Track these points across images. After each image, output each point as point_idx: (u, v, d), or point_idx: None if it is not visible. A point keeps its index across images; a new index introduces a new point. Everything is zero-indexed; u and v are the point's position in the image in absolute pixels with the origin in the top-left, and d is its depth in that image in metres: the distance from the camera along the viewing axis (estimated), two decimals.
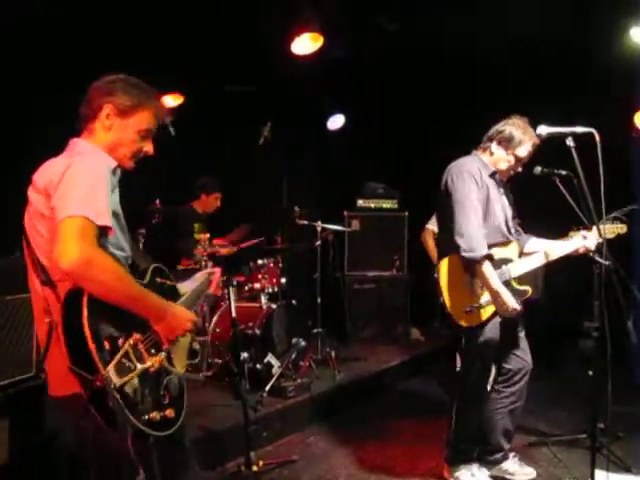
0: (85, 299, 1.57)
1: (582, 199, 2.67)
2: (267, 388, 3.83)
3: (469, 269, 2.81)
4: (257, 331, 4.06)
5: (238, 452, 3.19)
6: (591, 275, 2.73)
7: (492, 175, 2.99)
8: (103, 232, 1.67)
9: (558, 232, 3.12)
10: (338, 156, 6.23)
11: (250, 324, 4.13)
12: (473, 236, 2.75)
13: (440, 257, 2.96)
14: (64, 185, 1.65)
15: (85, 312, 1.55)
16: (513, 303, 2.73)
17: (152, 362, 1.67)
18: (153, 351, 1.71)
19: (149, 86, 1.93)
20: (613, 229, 2.96)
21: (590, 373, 5.19)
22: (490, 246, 2.84)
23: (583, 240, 2.89)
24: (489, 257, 2.75)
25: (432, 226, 4.88)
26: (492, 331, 2.85)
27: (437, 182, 3.20)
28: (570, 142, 2.67)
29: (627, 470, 3.13)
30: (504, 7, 4.33)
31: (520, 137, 2.90)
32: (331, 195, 6.29)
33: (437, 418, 4.14)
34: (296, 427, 3.87)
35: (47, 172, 1.72)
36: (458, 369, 3.58)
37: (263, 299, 4.39)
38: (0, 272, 2.71)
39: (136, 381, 1.62)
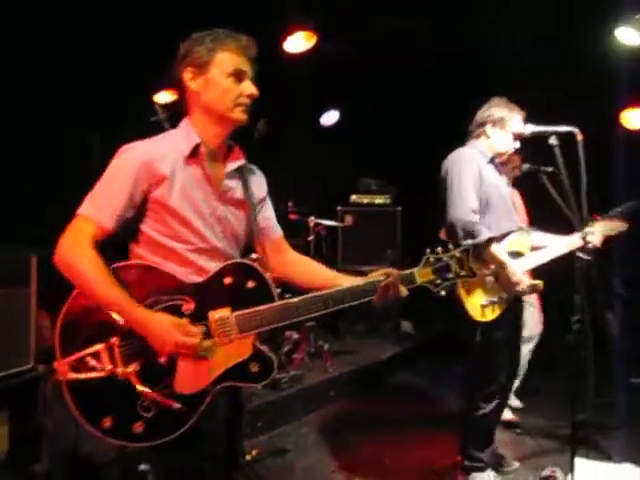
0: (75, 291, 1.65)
1: (567, 196, 2.73)
2: None
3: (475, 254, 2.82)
4: None
5: None
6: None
7: (491, 161, 2.98)
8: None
9: (545, 229, 3.19)
10: (332, 152, 6.30)
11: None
12: (470, 221, 2.74)
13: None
14: None
15: (68, 302, 1.64)
16: (523, 279, 2.75)
17: (119, 370, 1.61)
18: (130, 360, 1.62)
19: (222, 30, 1.75)
20: (614, 226, 2.97)
21: (572, 366, 5.30)
22: (501, 237, 2.86)
23: (590, 236, 2.83)
24: (493, 239, 2.75)
25: None
26: (504, 328, 2.85)
27: (430, 177, 3.21)
28: (553, 141, 2.73)
29: (608, 458, 3.23)
30: (497, 9, 4.42)
31: (508, 113, 2.94)
32: (324, 191, 6.35)
33: (427, 410, 4.26)
34: (289, 418, 3.95)
35: None
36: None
37: None
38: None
39: (97, 382, 1.60)
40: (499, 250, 2.78)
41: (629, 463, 3.15)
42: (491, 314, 2.79)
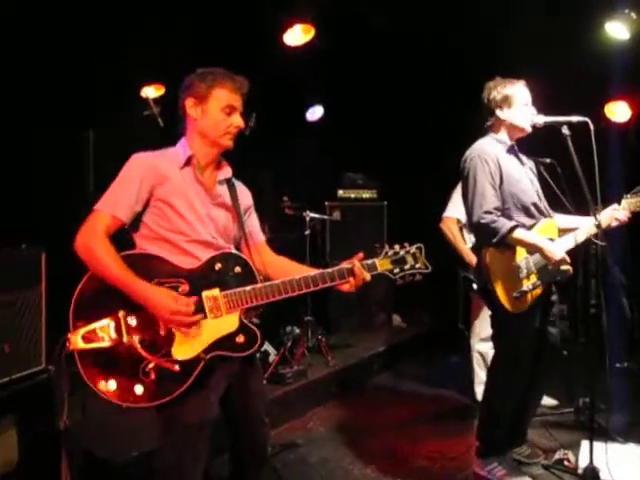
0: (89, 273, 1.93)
1: (576, 184, 2.77)
2: (266, 375, 3.90)
3: (507, 249, 2.75)
4: (255, 320, 4.09)
5: None
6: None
7: (510, 150, 2.92)
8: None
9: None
10: (318, 147, 6.28)
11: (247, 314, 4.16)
12: (488, 222, 2.71)
13: (481, 246, 2.87)
14: None
15: (82, 282, 1.91)
16: (560, 253, 2.66)
17: (125, 340, 1.88)
18: (134, 331, 1.90)
19: (222, 69, 2.10)
20: (638, 202, 2.95)
21: (565, 353, 5.44)
22: (529, 227, 2.80)
23: (613, 212, 2.87)
24: (516, 226, 2.71)
25: (451, 214, 4.14)
26: (532, 319, 2.82)
27: (415, 171, 3.16)
28: (566, 130, 2.79)
29: (613, 440, 3.30)
30: (484, 3, 4.48)
31: (509, 88, 2.88)
32: (311, 186, 6.33)
33: (430, 401, 4.30)
34: (295, 413, 3.95)
35: None
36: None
37: None
38: (8, 265, 2.67)
39: (104, 351, 1.87)
40: (529, 235, 2.73)
41: (632, 443, 3.27)
42: (523, 305, 2.75)
